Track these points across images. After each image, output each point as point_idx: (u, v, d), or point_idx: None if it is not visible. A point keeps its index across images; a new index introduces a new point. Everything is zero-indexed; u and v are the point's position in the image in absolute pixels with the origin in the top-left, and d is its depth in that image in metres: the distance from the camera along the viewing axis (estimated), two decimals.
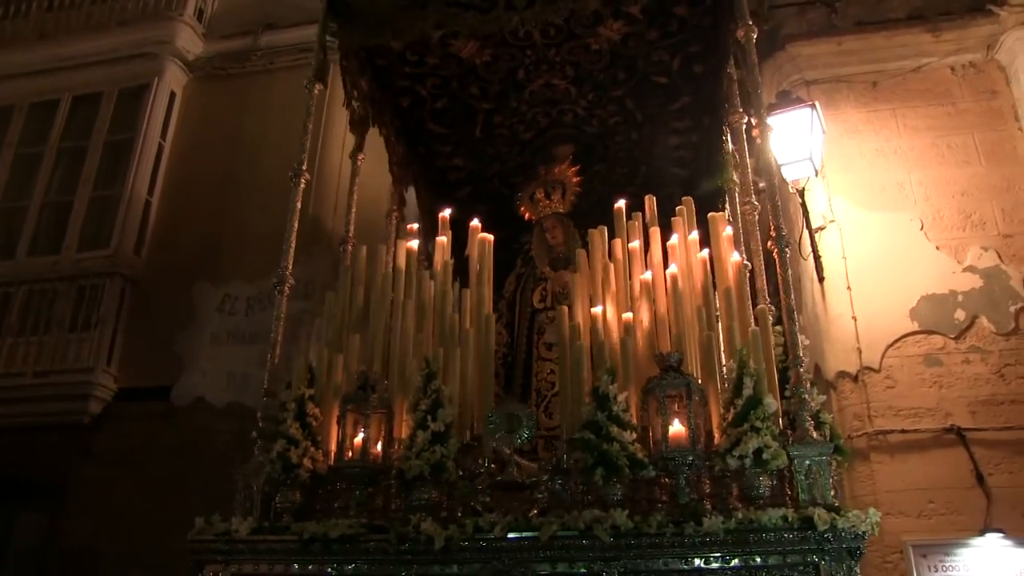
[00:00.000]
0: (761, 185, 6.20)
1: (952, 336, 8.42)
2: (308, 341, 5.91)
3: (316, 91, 6.67)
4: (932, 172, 9.12)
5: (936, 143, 9.25)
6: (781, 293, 5.41)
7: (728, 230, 6.09)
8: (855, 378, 8.37)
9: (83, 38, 12.40)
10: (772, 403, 5.05)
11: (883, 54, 9.67)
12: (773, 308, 5.84)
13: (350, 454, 5.43)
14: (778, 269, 5.50)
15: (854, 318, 8.60)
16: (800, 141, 8.47)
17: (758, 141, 5.97)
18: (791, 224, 9.12)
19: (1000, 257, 8.66)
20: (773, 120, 8.32)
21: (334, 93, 8.97)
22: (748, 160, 6.50)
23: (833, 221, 8.96)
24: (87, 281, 11.00)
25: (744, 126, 6.55)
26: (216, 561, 5.27)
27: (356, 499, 5.34)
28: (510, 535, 4.94)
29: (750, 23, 6.12)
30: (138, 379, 10.63)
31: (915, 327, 8.53)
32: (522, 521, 4.98)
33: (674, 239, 6.01)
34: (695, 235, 6.03)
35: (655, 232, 6.10)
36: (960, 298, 8.57)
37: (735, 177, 6.89)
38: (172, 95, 12.17)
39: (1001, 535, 7.47)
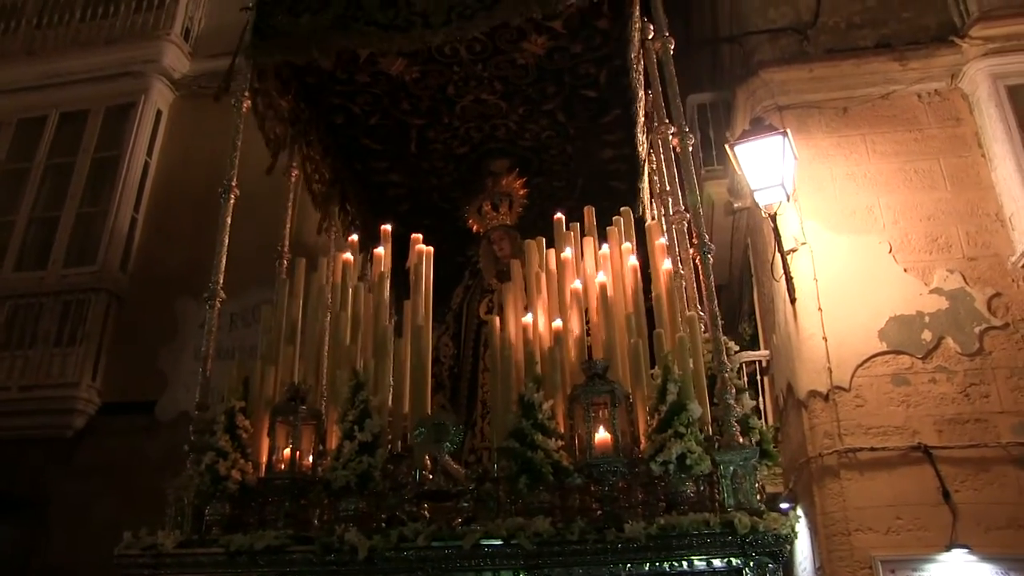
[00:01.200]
0: (737, 205, 5.98)
1: (919, 356, 8.54)
2: (243, 355, 5.61)
3: (245, 108, 6.68)
4: (900, 196, 9.30)
5: (904, 168, 9.43)
6: (705, 299, 5.38)
7: (662, 239, 6.01)
8: (826, 397, 8.44)
9: (71, 55, 12.40)
10: (696, 408, 4.91)
11: (853, 81, 9.85)
12: (704, 315, 5.70)
13: (280, 466, 5.31)
14: (701, 276, 5.48)
15: (825, 338, 8.69)
16: (772, 168, 8.57)
17: (677, 151, 5.92)
18: (764, 246, 9.44)
19: (965, 279, 8.81)
20: (746, 147, 8.76)
21: None
22: (674, 171, 6.38)
23: (805, 243, 9.06)
24: (73, 296, 10.97)
25: (668, 138, 6.33)
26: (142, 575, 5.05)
27: (285, 510, 5.20)
28: (434, 543, 4.81)
29: (666, 35, 6.09)
30: (122, 394, 10.57)
31: (884, 347, 8.62)
32: (446, 530, 4.85)
33: (605, 248, 5.93)
34: (628, 244, 5.94)
35: (590, 242, 6.02)
36: (927, 319, 8.68)
37: (662, 186, 6.78)
38: (159, 113, 12.20)
39: (966, 551, 7.54)
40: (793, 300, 8.86)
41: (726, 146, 9.46)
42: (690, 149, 5.81)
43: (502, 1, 6.18)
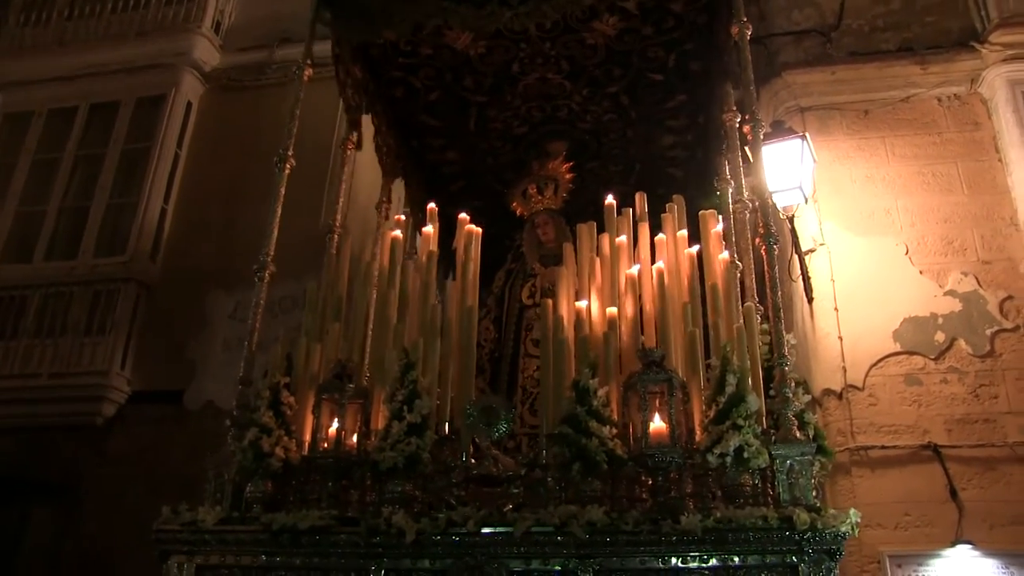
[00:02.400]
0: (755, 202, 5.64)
1: (932, 357, 8.31)
2: (287, 331, 5.29)
3: (306, 77, 6.36)
4: (917, 199, 9.03)
5: (922, 171, 9.15)
6: (768, 291, 5.07)
7: (718, 227, 5.73)
8: (839, 395, 8.22)
9: (102, 47, 12.00)
10: (755, 401, 4.68)
11: (874, 84, 9.56)
12: (761, 307, 5.47)
13: (324, 445, 5.03)
14: (766, 267, 5.15)
15: (840, 338, 8.46)
16: (791, 170, 8.29)
17: (749, 138, 5.57)
18: (782, 247, 8.89)
19: (979, 282, 8.58)
20: (766, 149, 8.18)
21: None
22: (740, 159, 6.11)
23: (823, 244, 8.81)
24: (103, 286, 10.64)
25: (737, 124, 6.08)
26: (181, 552, 4.88)
27: (329, 491, 4.95)
28: (483, 530, 4.58)
29: (744, 20, 5.75)
30: (151, 383, 10.25)
31: (898, 348, 8.40)
32: (496, 516, 4.61)
33: (662, 235, 5.65)
34: (684, 232, 5.68)
35: (644, 228, 5.76)
36: (940, 321, 8.45)
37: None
38: (189, 105, 11.80)
39: (971, 547, 7.46)
40: (810, 300, 8.60)
41: (745, 148, 9.10)
42: (761, 137, 5.56)
43: None
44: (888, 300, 8.57)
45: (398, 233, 6.06)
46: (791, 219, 8.52)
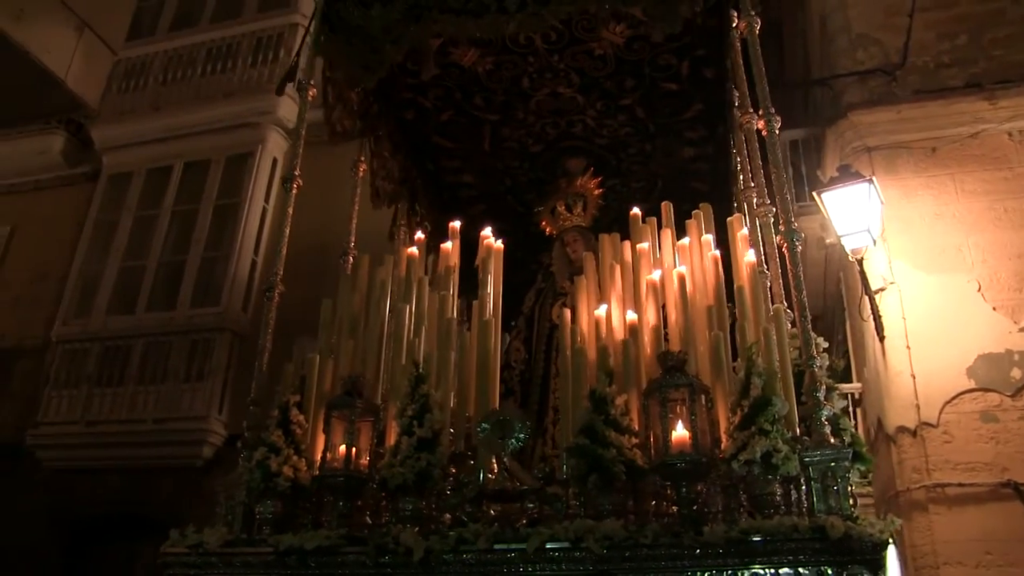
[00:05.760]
0: (829, 241, 4.99)
1: (1008, 394, 7.71)
2: (301, 349, 4.77)
3: (310, 96, 6.14)
4: (988, 235, 8.47)
5: (993, 207, 8.57)
6: (792, 290, 4.54)
7: (744, 230, 5.19)
8: (914, 433, 7.66)
9: (193, 109, 12.25)
10: (782, 403, 4.13)
11: (941, 121, 8.99)
12: (790, 312, 4.83)
13: (335, 464, 4.55)
14: (788, 266, 4.64)
15: (913, 376, 7.88)
16: (859, 213, 7.98)
17: (764, 133, 5.02)
18: (855, 282, 8.72)
19: None
20: (833, 194, 8.14)
21: None
22: (759, 161, 5.47)
23: (893, 283, 8.31)
24: (199, 335, 10.92)
25: (754, 125, 5.49)
26: (188, 575, 4.46)
27: (340, 511, 4.47)
28: (496, 546, 4.06)
29: (752, 14, 5.24)
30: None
31: (972, 384, 7.80)
32: (509, 532, 4.11)
33: (685, 240, 5.17)
34: (709, 236, 5.16)
35: (668, 233, 5.25)
36: (1016, 357, 7.85)
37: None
38: (274, 161, 12.05)
39: None
40: (882, 338, 8.07)
41: (814, 193, 8.53)
42: (776, 132, 4.96)
43: None
44: (961, 337, 8.02)
45: (414, 250, 5.63)
46: (860, 261, 8.09)
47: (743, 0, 5.28)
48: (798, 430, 4.22)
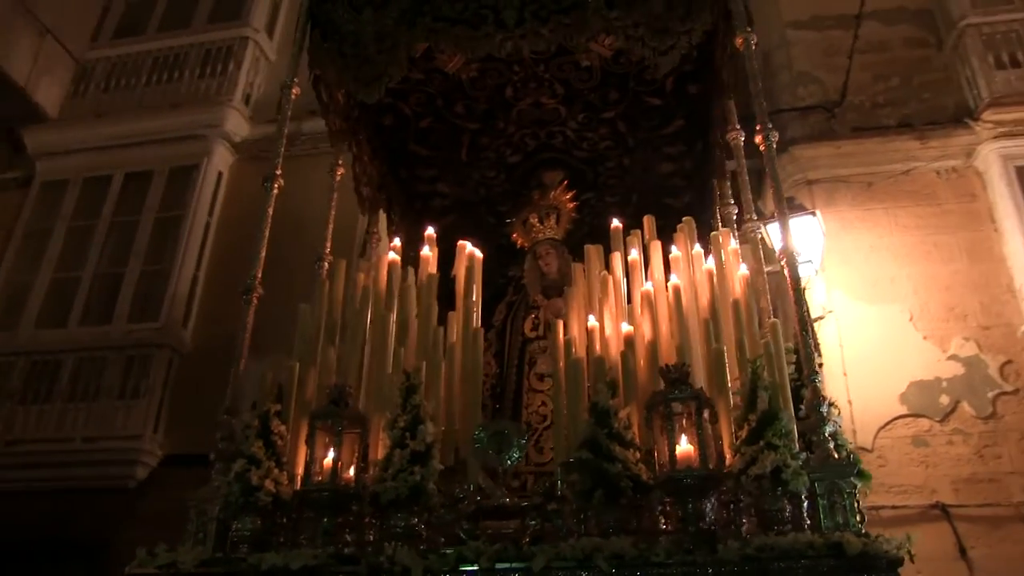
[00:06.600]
0: (768, 269, 5.05)
1: (937, 419, 8.12)
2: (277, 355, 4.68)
3: (294, 95, 5.62)
4: (920, 268, 8.88)
5: (924, 241, 9.12)
6: (794, 305, 4.38)
7: (733, 243, 5.06)
8: None
9: (137, 119, 11.52)
10: (790, 418, 3.99)
11: (877, 157, 9.53)
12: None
13: (318, 478, 4.18)
14: (789, 283, 4.46)
15: (849, 402, 8.14)
16: (803, 244, 8.14)
17: (762, 148, 4.83)
18: (790, 316, 8.29)
19: (979, 347, 8.43)
20: (777, 225, 7.56)
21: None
22: (745, 177, 5.44)
23: (831, 311, 8.62)
24: (136, 351, 10.06)
25: (742, 141, 5.48)
26: None
27: (324, 527, 4.08)
28: (498, 565, 3.75)
29: (748, 30, 5.09)
30: (183, 446, 9.53)
31: (904, 410, 8.19)
32: (512, 550, 3.79)
33: (676, 252, 4.97)
34: (699, 248, 5.02)
35: (657, 246, 5.04)
36: (944, 384, 8.28)
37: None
38: (220, 175, 11.32)
39: None
40: (819, 366, 7.74)
41: (759, 224, 8.56)
42: (774, 147, 4.81)
43: (579, 9, 5.24)
44: (894, 365, 8.35)
45: (395, 256, 5.30)
46: (802, 291, 7.84)
47: (737, 16, 5.12)
48: (796, 444, 3.99)
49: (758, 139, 4.82)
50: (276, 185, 5.20)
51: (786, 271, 4.41)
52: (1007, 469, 7.79)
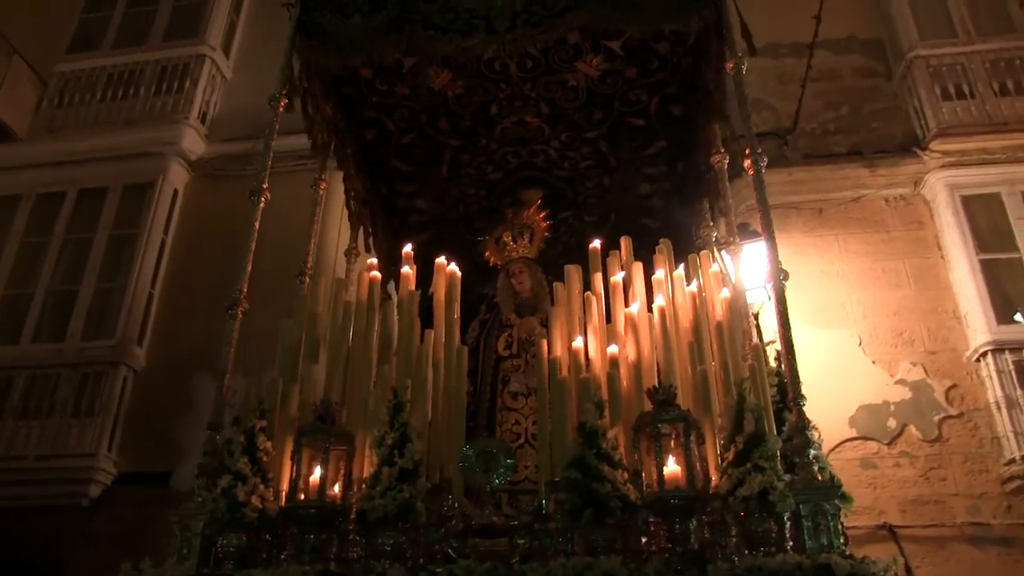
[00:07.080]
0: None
1: (885, 442, 8.31)
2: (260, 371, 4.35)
3: (281, 108, 5.46)
4: (869, 293, 9.13)
5: (873, 267, 9.29)
6: (779, 327, 4.39)
7: (715, 266, 5.08)
8: None
9: (91, 135, 11.32)
10: (776, 440, 3.99)
11: (828, 184, 9.70)
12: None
13: (302, 495, 4.08)
14: (775, 305, 4.51)
15: None
16: (755, 271, 7.86)
17: (750, 172, 4.85)
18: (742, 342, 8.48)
19: (926, 372, 8.64)
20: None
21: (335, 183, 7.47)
22: (729, 201, 5.60)
23: None
24: (90, 369, 9.91)
25: (726, 164, 5.61)
26: None
27: (310, 544, 4.00)
28: None
29: (739, 55, 5.14)
30: (138, 464, 9.50)
31: (853, 433, 8.36)
32: (502, 569, 3.74)
33: (659, 274, 4.93)
34: (680, 270, 4.99)
35: (639, 267, 5.02)
36: (892, 408, 8.46)
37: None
38: (175, 193, 11.18)
39: None
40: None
41: (715, 249, 8.65)
42: (763, 171, 4.83)
43: (573, 10, 5.24)
44: (844, 388, 8.47)
45: (376, 274, 5.20)
46: (756, 316, 8.12)
47: (729, 36, 5.18)
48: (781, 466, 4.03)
49: (747, 163, 4.83)
50: (263, 199, 5.07)
51: (771, 292, 4.48)
52: (951, 491, 7.93)
